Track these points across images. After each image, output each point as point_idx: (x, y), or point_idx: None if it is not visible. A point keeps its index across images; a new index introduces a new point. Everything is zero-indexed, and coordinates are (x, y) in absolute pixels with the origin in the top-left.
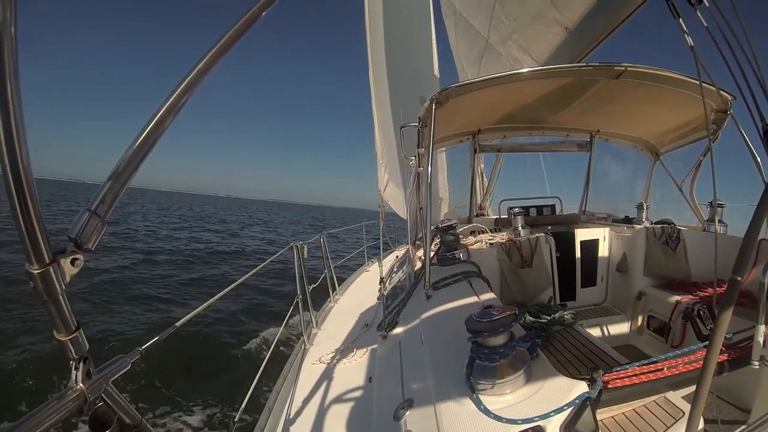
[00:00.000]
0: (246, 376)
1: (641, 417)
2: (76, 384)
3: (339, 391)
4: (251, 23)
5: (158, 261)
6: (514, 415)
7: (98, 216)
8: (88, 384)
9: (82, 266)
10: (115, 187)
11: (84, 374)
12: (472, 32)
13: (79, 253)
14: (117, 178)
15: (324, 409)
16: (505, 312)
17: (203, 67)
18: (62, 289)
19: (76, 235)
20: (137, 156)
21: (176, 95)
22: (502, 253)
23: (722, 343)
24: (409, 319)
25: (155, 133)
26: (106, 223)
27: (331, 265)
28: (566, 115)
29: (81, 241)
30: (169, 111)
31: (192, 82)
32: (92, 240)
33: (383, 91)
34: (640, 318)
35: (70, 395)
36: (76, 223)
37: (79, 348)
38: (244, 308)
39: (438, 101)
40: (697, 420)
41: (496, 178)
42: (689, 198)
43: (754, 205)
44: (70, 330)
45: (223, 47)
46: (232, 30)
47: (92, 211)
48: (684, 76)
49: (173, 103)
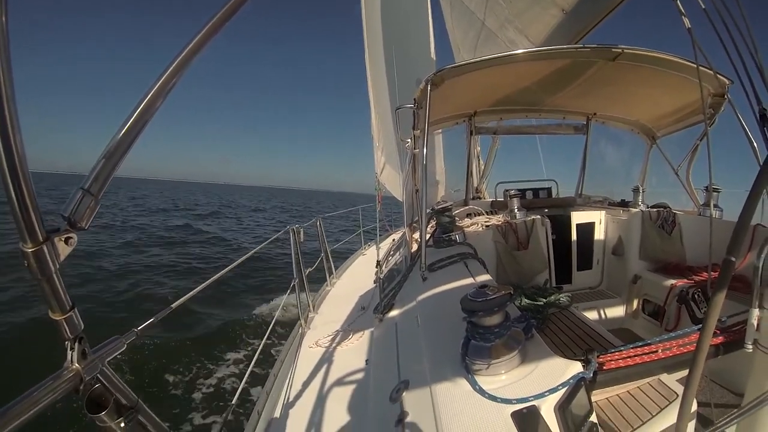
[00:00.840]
0: (243, 360)
1: (635, 399)
2: (71, 364)
3: (336, 374)
4: (242, 3)
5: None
6: (509, 395)
7: (92, 194)
8: (83, 364)
9: (75, 245)
10: (109, 165)
11: (79, 354)
12: (468, 15)
13: (72, 231)
14: (110, 157)
15: (321, 392)
16: (500, 291)
17: (194, 47)
18: (56, 268)
19: (70, 213)
20: (130, 134)
21: (168, 74)
22: (498, 235)
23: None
24: (405, 301)
25: (148, 112)
26: (100, 202)
27: (327, 249)
28: (563, 97)
29: (75, 220)
30: (161, 90)
31: (183, 61)
32: (86, 218)
33: (379, 73)
34: (636, 301)
35: (65, 375)
36: (69, 202)
37: (74, 328)
38: (241, 291)
39: (433, 82)
40: (690, 402)
41: (492, 161)
42: (685, 182)
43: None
44: (65, 309)
45: (213, 27)
46: (221, 10)
47: (86, 189)
48: (681, 59)
49: (165, 81)
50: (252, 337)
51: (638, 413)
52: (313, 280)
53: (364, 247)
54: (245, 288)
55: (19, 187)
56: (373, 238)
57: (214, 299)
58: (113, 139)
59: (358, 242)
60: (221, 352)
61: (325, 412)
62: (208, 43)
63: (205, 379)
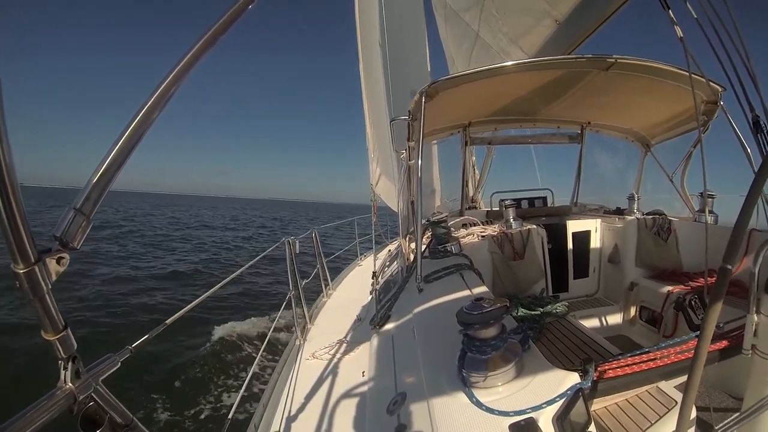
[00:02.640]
0: (239, 373)
1: (634, 407)
2: (65, 383)
3: (333, 387)
4: (237, 15)
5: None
6: (506, 408)
7: (83, 214)
8: (77, 383)
9: (67, 265)
10: (100, 184)
11: (73, 373)
12: (462, 26)
13: (64, 251)
14: (102, 176)
15: (318, 405)
16: (496, 304)
17: (188, 62)
18: (48, 288)
19: (62, 233)
20: (122, 153)
21: (161, 90)
22: (494, 246)
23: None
24: (401, 313)
25: (140, 130)
26: (92, 221)
27: (323, 260)
28: (557, 107)
29: (66, 240)
30: (153, 107)
31: (177, 76)
32: (77, 238)
33: (374, 84)
34: (633, 308)
35: (59, 395)
36: (61, 222)
37: (68, 347)
38: (236, 305)
39: (428, 94)
40: (689, 409)
41: (487, 171)
42: (680, 189)
43: (744, 196)
44: (58, 329)
45: (209, 40)
46: (217, 23)
47: (77, 209)
48: (674, 67)
49: (159, 97)
50: (249, 351)
51: (637, 421)
52: (309, 291)
53: (360, 258)
54: (241, 301)
55: (10, 210)
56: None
57: (210, 313)
58: (105, 156)
59: (355, 253)
60: (217, 365)
61: (322, 424)
62: (205, 55)
63: (202, 394)
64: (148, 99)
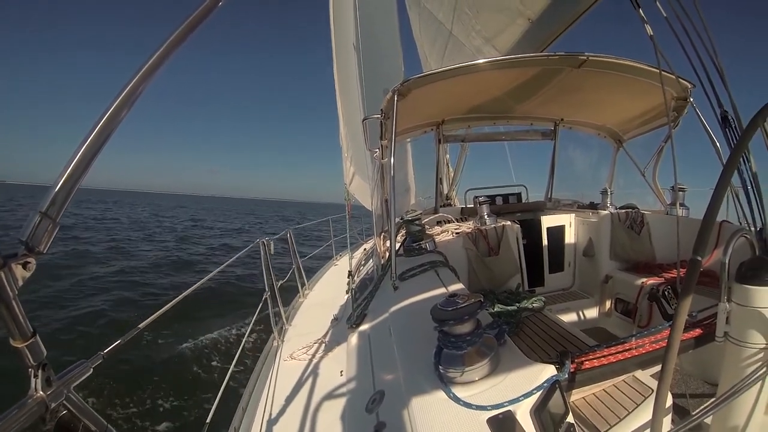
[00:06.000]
0: (217, 377)
1: (611, 396)
2: (36, 392)
3: (312, 387)
4: (207, 13)
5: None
6: (484, 402)
7: (50, 218)
8: (48, 391)
9: (34, 269)
10: (67, 186)
11: (44, 381)
12: (435, 24)
13: (30, 256)
14: (69, 178)
15: (298, 406)
16: (470, 300)
17: (157, 60)
18: (15, 294)
19: (27, 238)
20: (89, 153)
21: (129, 88)
22: (469, 242)
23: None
24: (377, 311)
25: (108, 129)
26: (58, 225)
27: (299, 260)
28: (530, 104)
29: (32, 245)
30: (122, 105)
31: (146, 74)
32: (44, 242)
33: (347, 83)
34: (608, 301)
35: (30, 404)
36: (26, 226)
37: (37, 354)
38: (211, 307)
39: (400, 93)
40: (664, 396)
41: (461, 168)
42: (652, 183)
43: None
44: (26, 336)
45: (179, 37)
46: (187, 20)
47: (43, 212)
48: (644, 64)
49: (127, 95)
50: (225, 353)
51: (615, 410)
52: (285, 292)
53: (336, 257)
54: (216, 304)
55: None
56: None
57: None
58: (72, 157)
59: (330, 253)
60: (193, 370)
61: (303, 426)
62: (175, 52)
63: (178, 399)
64: (116, 97)
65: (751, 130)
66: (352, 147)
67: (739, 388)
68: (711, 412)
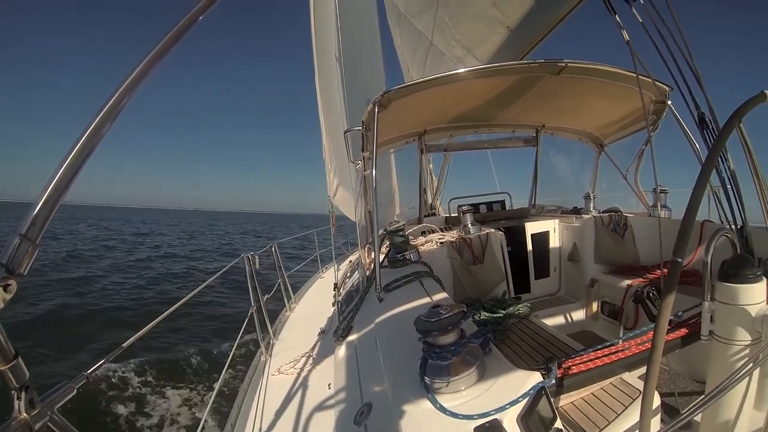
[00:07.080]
0: (204, 393)
1: (600, 400)
2: (19, 414)
3: (301, 401)
4: (189, 26)
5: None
6: (470, 411)
7: (29, 240)
8: (32, 413)
9: (14, 292)
10: (46, 207)
11: (27, 403)
12: (416, 34)
13: (11, 278)
14: (48, 198)
15: (287, 420)
16: (453, 310)
17: (139, 73)
18: None
19: (7, 260)
20: (70, 171)
21: (111, 103)
22: (453, 252)
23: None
24: (363, 323)
25: (89, 145)
26: (39, 246)
27: (284, 274)
28: (511, 111)
29: (12, 267)
30: (103, 121)
31: (128, 88)
32: (24, 265)
33: (330, 95)
34: (594, 304)
35: (14, 426)
36: (6, 249)
37: (20, 376)
38: (197, 323)
39: (380, 104)
40: (651, 397)
41: (445, 178)
42: (634, 186)
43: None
44: (8, 358)
45: (161, 51)
46: (169, 34)
47: (23, 235)
48: (622, 69)
49: (109, 110)
50: (212, 369)
51: (603, 413)
52: (271, 306)
53: (322, 270)
54: (202, 320)
55: None
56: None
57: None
58: (51, 177)
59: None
60: (180, 386)
61: None
62: (158, 65)
63: (165, 416)
64: (99, 112)
65: (727, 131)
66: (335, 159)
67: (727, 385)
68: (700, 410)
